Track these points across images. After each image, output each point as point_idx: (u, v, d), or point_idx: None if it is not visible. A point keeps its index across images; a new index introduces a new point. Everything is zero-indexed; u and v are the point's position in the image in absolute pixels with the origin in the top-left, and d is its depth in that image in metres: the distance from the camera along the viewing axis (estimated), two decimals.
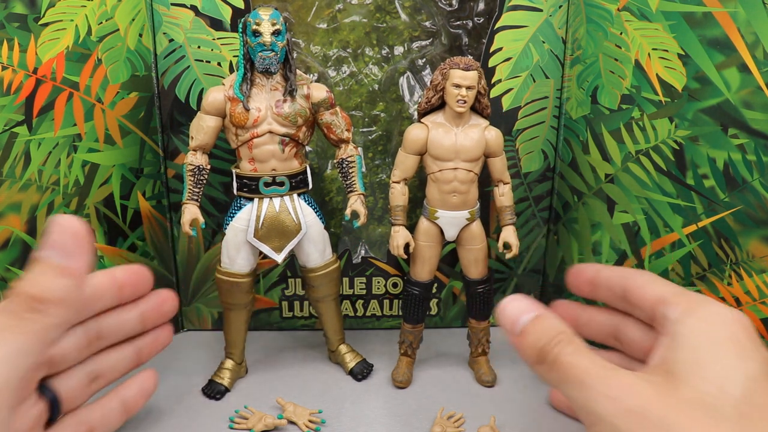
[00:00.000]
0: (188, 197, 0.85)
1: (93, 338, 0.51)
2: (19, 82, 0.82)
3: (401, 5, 0.95)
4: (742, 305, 0.82)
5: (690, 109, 0.80)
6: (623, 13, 0.84)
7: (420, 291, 0.90)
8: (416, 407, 0.86)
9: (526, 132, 0.99)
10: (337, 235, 1.04)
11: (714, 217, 0.82)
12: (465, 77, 0.80)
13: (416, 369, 0.95)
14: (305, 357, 1.00)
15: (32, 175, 0.86)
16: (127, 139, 0.94)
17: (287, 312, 1.07)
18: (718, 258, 0.83)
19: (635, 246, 0.91)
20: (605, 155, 0.91)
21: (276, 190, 0.85)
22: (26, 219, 0.87)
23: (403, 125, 0.99)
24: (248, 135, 0.83)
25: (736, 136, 0.77)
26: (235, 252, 0.87)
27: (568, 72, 0.95)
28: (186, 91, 0.94)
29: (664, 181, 0.85)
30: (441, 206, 0.86)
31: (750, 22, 0.73)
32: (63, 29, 0.84)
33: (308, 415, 0.81)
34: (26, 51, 0.81)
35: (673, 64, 0.80)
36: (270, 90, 0.83)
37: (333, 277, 0.92)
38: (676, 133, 0.83)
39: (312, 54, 0.97)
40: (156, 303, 0.52)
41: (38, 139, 0.85)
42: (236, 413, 0.83)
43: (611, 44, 0.86)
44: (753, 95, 0.74)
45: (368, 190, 1.02)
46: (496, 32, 0.93)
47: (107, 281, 0.50)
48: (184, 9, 0.91)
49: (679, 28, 0.79)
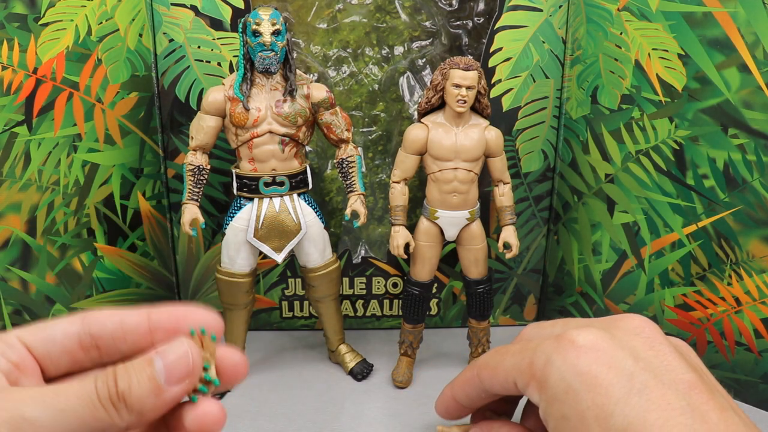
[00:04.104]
0: (188, 197, 0.85)
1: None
2: (19, 82, 0.82)
3: (401, 5, 0.95)
4: (742, 305, 0.82)
5: (690, 109, 0.80)
6: (623, 13, 0.84)
7: (420, 291, 0.90)
8: (416, 407, 0.86)
9: (526, 132, 0.99)
10: (337, 235, 1.04)
11: (714, 217, 0.82)
12: (465, 77, 0.80)
13: (416, 369, 0.95)
14: (305, 357, 1.00)
15: (32, 175, 0.86)
16: (127, 139, 0.94)
17: (287, 312, 1.07)
18: (718, 258, 0.83)
19: (635, 246, 0.91)
20: (605, 155, 0.91)
21: (276, 190, 0.86)
22: (26, 219, 0.87)
23: (403, 125, 0.99)
24: (248, 135, 0.83)
25: (736, 136, 0.77)
26: (235, 252, 0.87)
27: (568, 72, 0.95)
28: (186, 91, 0.94)
29: (664, 181, 0.85)
30: (441, 206, 0.86)
31: (750, 22, 0.73)
32: (63, 29, 0.84)
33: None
34: (26, 51, 0.81)
35: (673, 64, 0.81)
36: (270, 90, 0.83)
37: (333, 277, 0.92)
38: (676, 133, 0.83)
39: (312, 54, 0.97)
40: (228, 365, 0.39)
41: (38, 139, 0.85)
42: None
43: (611, 44, 0.86)
44: (753, 95, 0.74)
45: (368, 190, 1.02)
46: (496, 32, 0.93)
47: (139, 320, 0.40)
48: (184, 9, 0.91)
49: (679, 28, 0.79)
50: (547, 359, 0.38)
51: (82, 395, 0.33)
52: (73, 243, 0.92)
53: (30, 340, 0.37)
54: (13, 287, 0.88)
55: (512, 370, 0.41)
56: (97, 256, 0.95)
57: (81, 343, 0.38)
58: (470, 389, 0.47)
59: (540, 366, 0.39)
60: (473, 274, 0.90)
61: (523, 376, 0.40)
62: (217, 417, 0.35)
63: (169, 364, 0.35)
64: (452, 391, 0.49)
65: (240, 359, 0.37)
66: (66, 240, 0.91)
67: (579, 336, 0.38)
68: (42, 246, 0.89)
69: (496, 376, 0.43)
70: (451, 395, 0.49)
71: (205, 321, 0.38)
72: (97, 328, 0.38)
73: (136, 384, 0.34)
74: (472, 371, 0.47)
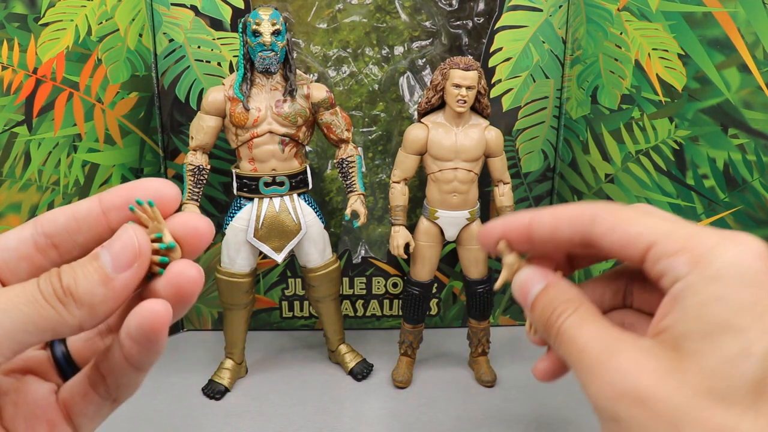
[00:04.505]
0: (188, 197, 0.85)
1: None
2: (19, 82, 0.82)
3: (401, 5, 0.95)
4: None
5: (690, 109, 0.80)
6: (623, 13, 0.84)
7: (420, 291, 0.90)
8: (416, 407, 0.86)
9: (526, 132, 0.99)
10: (337, 235, 1.04)
11: (714, 217, 0.82)
12: (465, 77, 0.80)
13: (416, 369, 0.95)
14: (305, 357, 1.00)
15: (32, 175, 0.86)
16: (127, 139, 0.94)
17: (287, 312, 1.07)
18: None
19: None
20: (605, 155, 0.91)
21: (276, 190, 0.85)
22: (26, 219, 0.87)
23: (403, 125, 0.99)
24: (248, 135, 0.83)
25: (736, 136, 0.77)
26: (235, 252, 0.87)
27: (568, 72, 0.95)
28: (186, 91, 0.94)
29: (664, 181, 0.85)
30: (441, 206, 0.86)
31: (750, 22, 0.73)
32: (63, 29, 0.84)
33: None
34: (26, 51, 0.81)
35: (673, 64, 0.80)
36: (270, 90, 0.83)
37: (333, 277, 0.92)
38: (676, 133, 0.83)
39: (312, 54, 0.97)
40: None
41: (38, 139, 0.85)
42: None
43: (611, 44, 0.86)
44: (753, 95, 0.74)
45: (368, 190, 1.02)
46: (496, 32, 0.93)
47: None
48: (184, 9, 0.91)
49: (679, 28, 0.79)
50: (720, 241, 0.33)
51: (25, 294, 0.32)
52: None
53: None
54: None
55: (654, 231, 0.35)
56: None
57: (36, 244, 0.36)
58: (566, 227, 0.38)
59: (708, 243, 0.33)
60: (473, 274, 0.90)
61: (670, 242, 0.34)
62: (193, 276, 0.32)
63: (115, 252, 0.34)
64: (534, 219, 0.41)
65: (198, 219, 0.34)
66: None
67: (754, 241, 0.33)
68: None
69: (619, 227, 0.36)
70: (530, 222, 0.41)
71: (155, 188, 0.35)
72: (50, 225, 0.37)
73: (81, 277, 0.34)
74: (583, 209, 0.39)
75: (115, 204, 0.36)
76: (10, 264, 0.38)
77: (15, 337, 0.33)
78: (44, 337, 0.34)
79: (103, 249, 0.35)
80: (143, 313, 0.32)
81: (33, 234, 0.37)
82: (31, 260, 0.38)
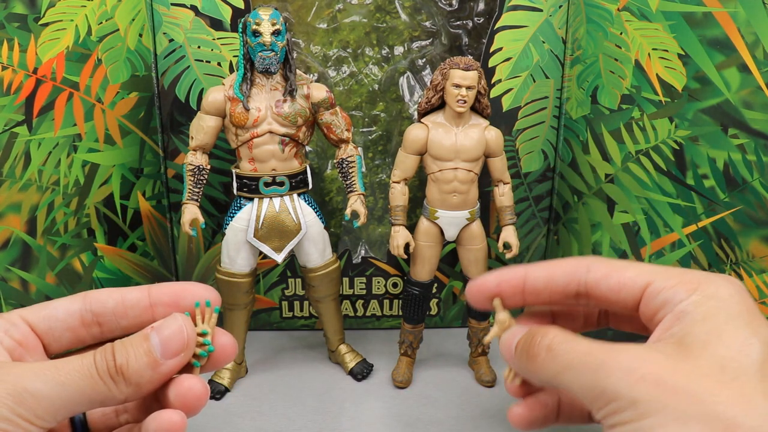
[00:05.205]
0: (188, 197, 0.85)
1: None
2: (19, 82, 0.82)
3: (401, 5, 0.95)
4: None
5: (690, 109, 0.80)
6: (623, 13, 0.84)
7: (420, 291, 0.90)
8: (416, 407, 0.86)
9: (526, 132, 0.99)
10: (337, 235, 1.04)
11: (714, 217, 0.82)
12: (465, 77, 0.80)
13: (416, 369, 0.95)
14: (305, 357, 1.00)
15: (32, 175, 0.86)
16: (127, 139, 0.94)
17: (287, 312, 1.07)
18: (718, 258, 0.83)
19: (635, 246, 0.91)
20: (605, 155, 0.91)
21: (276, 190, 0.85)
22: (26, 219, 0.87)
23: (403, 125, 0.99)
24: (248, 135, 0.83)
25: (736, 136, 0.77)
26: (235, 252, 0.87)
27: (568, 72, 0.95)
28: (186, 91, 0.94)
29: (664, 181, 0.85)
30: (441, 206, 0.86)
31: (750, 22, 0.73)
32: (63, 29, 0.84)
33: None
34: (26, 51, 0.81)
35: (673, 64, 0.80)
36: (270, 90, 0.83)
37: (333, 277, 0.92)
38: (676, 133, 0.83)
39: (312, 54, 0.97)
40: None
41: (38, 139, 0.85)
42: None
43: (611, 44, 0.86)
44: (753, 95, 0.74)
45: (368, 190, 1.02)
46: (496, 32, 0.93)
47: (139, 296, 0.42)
48: (184, 9, 0.91)
49: (679, 28, 0.79)
50: (708, 276, 0.37)
51: (82, 369, 0.35)
52: (73, 243, 0.92)
53: (32, 318, 0.39)
54: (14, 287, 0.88)
55: (649, 272, 0.37)
56: (97, 256, 0.95)
57: (83, 320, 0.40)
58: (561, 276, 0.40)
59: (699, 278, 0.36)
60: (473, 274, 0.90)
61: (667, 279, 0.36)
62: (200, 393, 0.38)
63: (164, 338, 0.37)
64: (530, 272, 0.41)
65: (230, 339, 0.41)
66: (66, 240, 0.91)
67: (731, 278, 0.37)
68: (42, 246, 0.89)
69: (615, 272, 0.39)
70: (525, 273, 0.42)
71: (204, 295, 0.40)
72: (99, 306, 0.40)
73: (133, 358, 0.36)
74: (578, 260, 0.40)
75: (162, 300, 0.40)
76: (55, 333, 0.40)
77: (69, 407, 0.35)
78: (93, 406, 0.36)
79: (153, 332, 0.37)
80: (163, 423, 0.36)
81: (81, 310, 0.40)
82: (75, 332, 0.40)
